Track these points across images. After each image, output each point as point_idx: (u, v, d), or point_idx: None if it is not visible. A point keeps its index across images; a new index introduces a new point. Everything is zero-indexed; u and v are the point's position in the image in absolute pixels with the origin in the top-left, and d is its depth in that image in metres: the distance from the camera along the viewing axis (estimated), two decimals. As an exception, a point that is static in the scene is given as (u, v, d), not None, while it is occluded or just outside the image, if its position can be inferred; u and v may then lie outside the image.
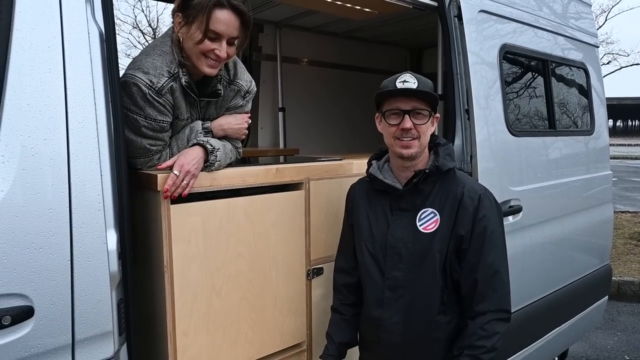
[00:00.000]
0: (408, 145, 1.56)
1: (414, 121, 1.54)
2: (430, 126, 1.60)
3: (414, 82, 1.54)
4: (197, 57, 1.53)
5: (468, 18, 2.37)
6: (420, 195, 1.60)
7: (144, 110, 1.48)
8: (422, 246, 1.58)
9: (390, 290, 1.62)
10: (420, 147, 1.58)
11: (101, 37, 1.31)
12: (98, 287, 1.26)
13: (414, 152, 1.57)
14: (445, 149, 1.64)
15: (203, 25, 1.47)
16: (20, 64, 1.15)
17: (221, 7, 1.49)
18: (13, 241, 1.11)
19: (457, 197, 1.57)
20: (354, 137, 4.12)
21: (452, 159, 1.63)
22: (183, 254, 1.51)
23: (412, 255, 1.59)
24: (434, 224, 1.57)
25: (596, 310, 3.33)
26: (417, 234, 1.58)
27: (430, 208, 1.59)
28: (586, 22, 3.38)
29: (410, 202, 1.61)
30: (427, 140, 1.60)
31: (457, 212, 1.56)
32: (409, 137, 1.55)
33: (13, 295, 1.12)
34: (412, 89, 1.53)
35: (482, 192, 1.60)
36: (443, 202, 1.58)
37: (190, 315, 1.54)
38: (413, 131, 1.55)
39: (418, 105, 1.55)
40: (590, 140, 3.27)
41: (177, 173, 1.44)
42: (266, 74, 3.61)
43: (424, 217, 1.59)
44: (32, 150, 1.15)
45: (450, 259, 1.57)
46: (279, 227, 1.78)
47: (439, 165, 1.58)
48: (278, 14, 3.29)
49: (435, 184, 1.61)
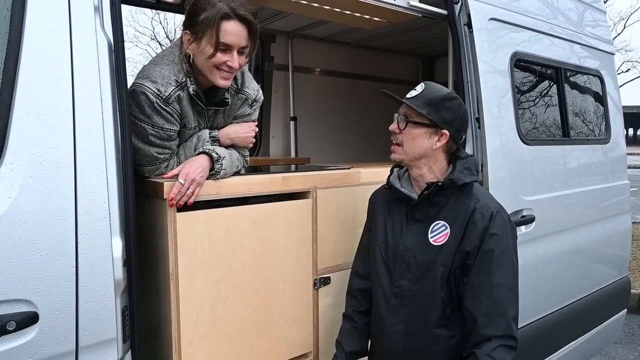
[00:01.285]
0: (393, 150, 1.62)
1: (399, 125, 1.60)
2: (424, 138, 1.57)
3: (418, 91, 1.60)
4: (211, 71, 1.55)
5: (478, 26, 2.35)
6: (435, 207, 1.60)
7: (151, 119, 1.50)
8: (429, 257, 1.57)
9: (396, 298, 1.62)
10: (406, 155, 1.59)
11: (110, 47, 1.33)
12: (103, 294, 1.27)
13: (397, 158, 1.62)
14: (464, 162, 1.61)
15: (213, 39, 1.49)
16: (30, 74, 1.17)
17: (228, 18, 1.50)
18: (19, 247, 1.13)
19: (468, 212, 1.55)
20: (365, 146, 4.11)
21: (472, 173, 1.60)
22: (189, 262, 1.52)
23: (419, 266, 1.58)
24: (443, 237, 1.57)
25: (614, 323, 3.23)
26: (426, 246, 1.58)
27: (442, 221, 1.58)
28: (601, 29, 3.33)
29: (424, 213, 1.61)
30: (414, 152, 1.59)
31: (466, 228, 1.54)
32: (395, 140, 1.61)
33: (18, 301, 1.13)
34: (398, 98, 1.61)
35: (496, 210, 1.56)
36: (455, 216, 1.57)
37: (195, 323, 1.54)
38: (398, 136, 1.60)
39: (408, 112, 1.59)
40: (606, 149, 3.20)
41: (182, 181, 1.45)
42: (278, 84, 3.64)
43: (435, 230, 1.59)
44: (40, 158, 1.17)
45: (455, 274, 1.55)
46: (286, 235, 1.77)
47: (454, 179, 1.56)
48: (290, 24, 3.32)
49: (451, 197, 1.59)
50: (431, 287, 1.56)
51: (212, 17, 1.48)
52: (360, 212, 2.02)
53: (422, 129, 1.57)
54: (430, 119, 1.55)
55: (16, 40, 1.16)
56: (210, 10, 1.49)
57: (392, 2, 2.23)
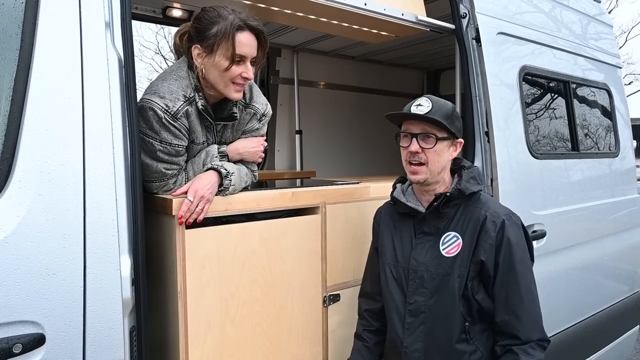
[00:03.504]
0: (415, 172, 1.57)
1: (421, 144, 1.54)
2: (446, 151, 1.57)
3: (428, 105, 1.54)
4: (226, 85, 1.54)
5: (486, 40, 2.35)
6: (443, 218, 1.58)
7: (159, 134, 1.49)
8: (444, 270, 1.54)
9: (412, 315, 1.58)
10: (430, 173, 1.56)
11: (120, 64, 1.32)
12: (110, 314, 1.24)
13: (421, 179, 1.57)
14: (469, 172, 1.61)
15: (230, 52, 1.48)
16: (40, 91, 1.16)
17: (242, 30, 1.51)
18: (27, 267, 1.11)
19: (479, 221, 1.53)
20: (371, 159, 4.10)
21: (477, 182, 1.60)
22: (197, 279, 1.49)
23: (433, 280, 1.55)
24: (456, 248, 1.54)
25: (627, 340, 3.17)
26: (439, 258, 1.55)
27: (453, 232, 1.56)
28: (607, 42, 3.32)
29: (434, 226, 1.59)
30: (438, 167, 1.57)
31: (479, 237, 1.52)
32: (416, 161, 1.56)
33: (25, 323, 1.10)
34: (419, 114, 1.53)
35: (506, 217, 1.55)
36: (465, 226, 1.55)
37: (203, 343, 1.51)
38: (421, 155, 1.55)
39: (427, 129, 1.54)
40: (616, 162, 3.17)
41: (191, 199, 1.43)
42: (283, 97, 3.64)
43: (447, 241, 1.56)
44: (49, 176, 1.16)
45: (472, 285, 1.52)
46: (295, 252, 1.74)
47: (461, 189, 1.56)
48: (295, 38, 3.33)
49: (459, 208, 1.58)
50: (448, 300, 1.53)
51: (227, 29, 1.47)
52: (370, 228, 1.99)
53: (444, 142, 1.56)
54: (453, 131, 1.56)
55: (27, 57, 1.15)
56: (222, 23, 1.48)
57: (401, 17, 2.23)
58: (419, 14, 2.30)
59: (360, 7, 2.09)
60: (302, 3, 2.01)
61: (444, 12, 2.42)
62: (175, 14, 2.55)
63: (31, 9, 1.16)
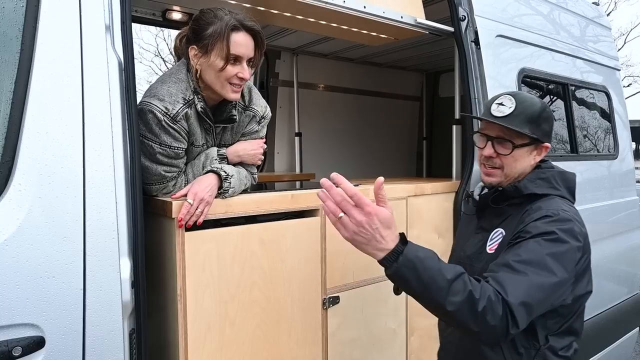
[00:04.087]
0: (489, 174, 1.47)
1: (497, 149, 1.43)
2: (526, 157, 1.44)
3: (510, 107, 1.40)
4: (222, 85, 1.54)
5: (485, 43, 2.36)
6: (502, 216, 1.47)
7: (159, 137, 1.49)
8: (481, 267, 1.43)
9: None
10: (505, 177, 1.45)
11: (120, 67, 1.33)
12: (110, 317, 1.24)
13: (494, 181, 1.47)
14: (540, 172, 1.46)
15: (224, 52, 1.49)
16: (40, 93, 1.16)
17: (237, 30, 1.51)
18: (26, 270, 1.11)
19: (520, 214, 1.40)
20: (370, 161, 4.11)
21: (550, 185, 1.42)
22: (197, 282, 1.49)
23: (474, 275, 1.42)
24: (496, 245, 1.44)
25: (626, 342, 3.17)
26: (481, 254, 1.48)
27: (500, 228, 1.45)
28: (605, 45, 3.34)
29: (490, 222, 1.51)
30: (518, 171, 1.44)
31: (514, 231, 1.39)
32: (490, 164, 1.46)
33: (24, 325, 1.10)
34: (489, 120, 1.41)
35: (550, 212, 1.33)
36: (511, 224, 1.42)
37: (203, 345, 1.51)
38: (496, 160, 1.44)
39: (505, 134, 1.41)
40: (614, 164, 3.18)
41: (191, 201, 1.43)
42: (283, 100, 3.64)
43: (494, 237, 1.47)
44: (49, 179, 1.16)
45: None
46: (295, 254, 1.74)
47: (518, 187, 1.42)
48: (295, 41, 3.33)
49: (520, 208, 1.43)
50: None
51: (222, 29, 1.48)
52: (369, 230, 2.00)
53: (525, 148, 1.43)
54: (535, 137, 1.41)
55: (27, 60, 1.15)
56: (218, 23, 1.49)
57: (400, 20, 2.24)
58: (418, 17, 2.31)
59: (359, 9, 2.10)
60: (301, 6, 2.02)
61: (443, 14, 2.43)
62: (175, 16, 2.56)
63: (31, 12, 1.16)
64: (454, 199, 2.35)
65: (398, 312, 2.14)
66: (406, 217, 2.16)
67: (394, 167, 4.32)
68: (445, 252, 2.33)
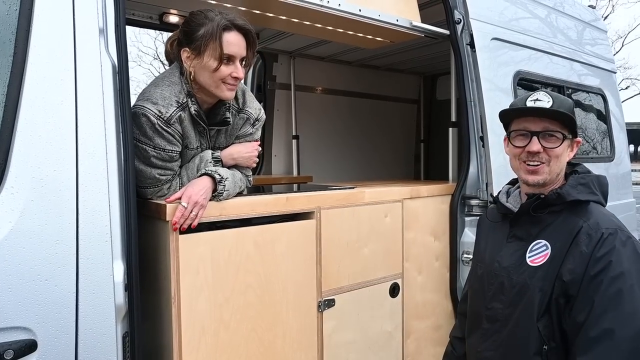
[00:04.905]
0: (535, 171, 1.38)
1: (543, 144, 1.36)
2: (567, 151, 1.39)
3: (548, 100, 1.36)
4: (217, 86, 1.55)
5: (481, 46, 2.36)
6: (539, 224, 1.39)
7: (153, 140, 1.49)
8: (523, 280, 1.36)
9: (489, 321, 1.45)
10: (551, 174, 1.38)
11: (114, 70, 1.33)
12: (103, 320, 1.24)
13: (541, 180, 1.38)
14: (580, 177, 1.40)
15: (217, 52, 1.49)
16: (34, 97, 1.17)
17: (229, 29, 1.52)
18: (19, 273, 1.11)
19: (573, 232, 1.31)
20: (367, 164, 4.11)
21: (590, 191, 1.37)
22: (191, 285, 1.49)
23: (513, 288, 1.39)
24: (542, 258, 1.34)
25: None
26: (522, 265, 1.38)
27: (544, 240, 1.36)
28: (602, 48, 3.35)
29: (526, 230, 1.42)
30: (560, 167, 1.39)
31: (569, 250, 1.29)
32: (536, 161, 1.37)
33: (16, 329, 1.10)
34: (543, 108, 1.35)
35: (609, 231, 1.27)
36: (559, 236, 1.33)
37: (197, 348, 1.51)
38: (542, 155, 1.36)
39: (550, 127, 1.36)
40: (611, 166, 3.19)
41: (185, 204, 1.43)
42: (280, 103, 3.65)
43: (535, 249, 1.38)
44: (42, 182, 1.16)
45: (557, 305, 1.30)
46: (289, 257, 1.74)
47: (562, 193, 1.35)
48: (292, 44, 3.34)
49: (559, 216, 1.36)
50: (526, 314, 1.34)
51: (214, 30, 1.49)
52: (365, 232, 2.00)
53: (567, 141, 1.38)
54: (573, 128, 1.38)
55: (20, 63, 1.15)
56: (209, 24, 1.50)
57: (395, 23, 2.24)
58: (414, 20, 2.31)
59: (354, 13, 2.10)
60: (296, 9, 2.02)
61: (439, 18, 2.44)
62: (171, 20, 2.57)
63: (25, 16, 1.16)
64: (450, 201, 2.35)
65: (394, 314, 2.13)
66: (402, 219, 2.16)
67: (391, 169, 4.32)
68: (442, 254, 2.34)
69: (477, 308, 1.51)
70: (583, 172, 1.43)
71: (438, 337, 2.35)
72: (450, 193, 2.36)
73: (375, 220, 2.05)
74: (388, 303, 2.10)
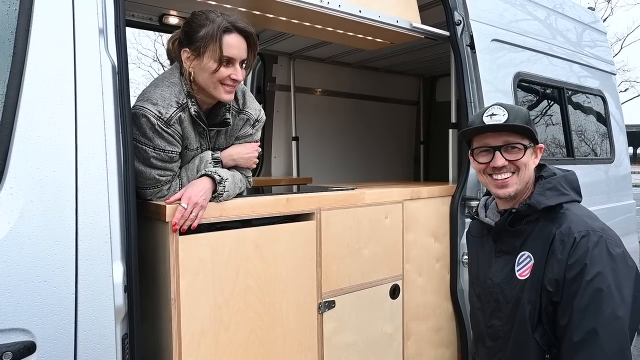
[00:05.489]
0: (504, 184, 1.40)
1: (507, 157, 1.38)
2: (531, 160, 1.41)
3: (504, 113, 1.38)
4: (215, 87, 1.54)
5: (481, 47, 2.36)
6: (520, 236, 1.40)
7: (152, 141, 1.48)
8: (515, 294, 1.37)
9: (492, 339, 1.46)
10: (520, 183, 1.40)
11: (113, 70, 1.33)
12: (102, 322, 1.23)
13: (512, 191, 1.40)
14: (546, 182, 1.40)
15: (217, 53, 1.49)
16: (33, 97, 1.16)
17: (229, 31, 1.51)
18: (17, 274, 1.10)
19: (549, 240, 1.33)
20: (367, 165, 4.11)
21: (560, 192, 1.38)
22: (191, 286, 1.48)
23: (508, 304, 1.40)
24: (527, 270, 1.36)
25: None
26: (513, 281, 1.39)
27: (527, 251, 1.38)
28: (602, 50, 3.35)
29: (510, 244, 1.43)
30: (528, 175, 1.41)
31: (547, 259, 1.32)
32: (503, 173, 1.40)
33: (15, 330, 1.09)
34: (499, 124, 1.37)
35: (581, 235, 1.28)
36: (537, 245, 1.36)
37: (197, 350, 1.50)
38: (509, 166, 1.39)
39: (510, 139, 1.38)
40: (611, 168, 3.19)
41: (185, 205, 1.43)
42: (280, 104, 3.65)
43: (521, 262, 1.39)
44: (41, 182, 1.15)
45: (548, 314, 1.31)
46: (290, 258, 1.74)
47: (531, 203, 1.36)
48: (292, 45, 3.34)
49: (537, 224, 1.37)
50: (522, 328, 1.35)
51: (214, 31, 1.48)
52: (365, 234, 2.00)
53: (530, 149, 1.41)
54: (536, 138, 1.40)
55: (20, 63, 1.15)
56: (210, 25, 1.49)
57: (395, 24, 2.24)
58: (414, 21, 2.31)
59: (354, 14, 2.10)
60: (296, 10, 2.02)
61: (439, 19, 2.44)
62: (171, 21, 2.57)
63: (24, 16, 1.16)
64: (450, 202, 2.35)
65: (394, 316, 2.13)
66: (402, 220, 2.15)
67: (391, 171, 4.32)
68: (442, 255, 2.34)
69: (480, 327, 1.52)
70: (548, 175, 1.43)
71: (438, 339, 2.34)
72: (450, 194, 2.36)
73: (375, 222, 2.04)
74: (388, 304, 2.10)
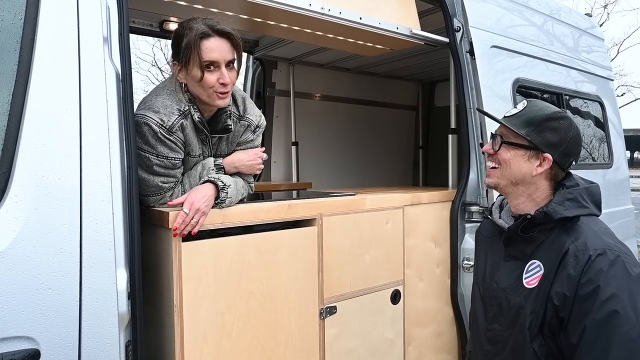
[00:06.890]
0: (489, 174, 1.44)
1: (493, 145, 1.42)
2: (522, 162, 1.37)
3: (520, 108, 1.41)
4: (208, 95, 1.54)
5: (480, 53, 2.38)
6: (533, 243, 1.37)
7: (155, 149, 1.49)
8: (519, 302, 1.35)
9: (490, 343, 1.45)
10: (502, 178, 1.40)
11: (117, 78, 1.33)
12: (106, 329, 1.24)
13: (491, 182, 1.43)
14: (567, 192, 1.35)
15: (197, 61, 1.48)
16: (38, 105, 1.17)
17: (207, 36, 1.50)
18: (22, 282, 1.10)
19: (561, 252, 1.29)
20: (366, 170, 4.12)
21: (579, 205, 1.33)
22: (193, 292, 1.48)
23: (510, 310, 1.38)
24: (536, 280, 1.33)
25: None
26: (519, 287, 1.37)
27: (537, 260, 1.35)
28: (599, 55, 3.38)
29: (521, 250, 1.40)
30: (512, 175, 1.39)
31: (557, 272, 1.28)
32: (490, 162, 1.44)
33: (19, 338, 1.09)
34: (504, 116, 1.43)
35: (597, 252, 1.24)
36: (549, 256, 1.32)
37: (199, 357, 1.50)
38: (494, 157, 1.42)
39: (504, 131, 1.41)
40: (609, 173, 3.20)
41: (186, 211, 1.43)
42: (280, 109, 3.66)
43: (530, 270, 1.36)
44: (46, 190, 1.16)
45: (550, 326, 1.29)
46: (291, 264, 1.74)
47: (548, 212, 1.32)
48: (291, 51, 3.36)
49: (551, 233, 1.34)
50: (520, 336, 1.33)
51: (192, 39, 1.48)
52: (367, 239, 2.00)
53: (519, 150, 1.38)
54: (530, 140, 1.36)
55: (25, 72, 1.15)
56: (189, 34, 1.49)
57: (395, 30, 2.26)
58: (414, 28, 2.33)
59: (355, 21, 2.12)
60: (297, 18, 2.03)
61: (439, 25, 2.45)
62: (171, 27, 2.58)
63: (30, 25, 1.17)
64: (450, 208, 2.36)
65: (395, 322, 2.13)
66: (403, 226, 2.16)
67: (390, 176, 4.34)
68: (442, 261, 2.35)
69: (479, 329, 1.51)
70: (571, 185, 1.38)
71: (439, 344, 2.35)
72: (450, 200, 2.37)
73: (376, 227, 2.05)
74: (389, 310, 2.10)
